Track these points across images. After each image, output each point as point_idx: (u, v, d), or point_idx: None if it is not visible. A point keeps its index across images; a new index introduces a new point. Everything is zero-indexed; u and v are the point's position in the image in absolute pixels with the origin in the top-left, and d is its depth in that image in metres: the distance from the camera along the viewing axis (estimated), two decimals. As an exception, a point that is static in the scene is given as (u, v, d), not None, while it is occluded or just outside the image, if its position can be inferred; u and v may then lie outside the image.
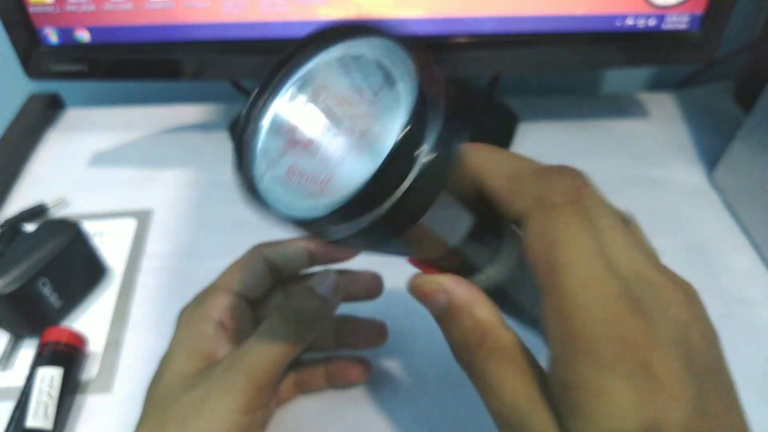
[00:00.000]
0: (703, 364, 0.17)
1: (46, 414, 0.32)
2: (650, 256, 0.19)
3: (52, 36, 0.42)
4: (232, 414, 0.25)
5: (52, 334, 0.35)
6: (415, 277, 0.21)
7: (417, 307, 0.22)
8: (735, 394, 0.18)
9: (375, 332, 0.34)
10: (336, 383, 0.34)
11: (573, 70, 0.62)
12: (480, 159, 0.21)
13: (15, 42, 0.42)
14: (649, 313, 0.17)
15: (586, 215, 0.18)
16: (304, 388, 0.34)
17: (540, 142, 0.54)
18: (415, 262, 0.22)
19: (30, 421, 0.31)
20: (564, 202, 0.18)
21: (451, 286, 0.20)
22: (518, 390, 0.19)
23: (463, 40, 0.43)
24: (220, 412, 0.25)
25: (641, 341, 0.16)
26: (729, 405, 0.17)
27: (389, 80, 0.17)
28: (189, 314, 0.29)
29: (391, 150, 0.15)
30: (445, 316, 0.20)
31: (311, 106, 0.18)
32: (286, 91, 0.19)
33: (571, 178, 0.19)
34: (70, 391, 0.34)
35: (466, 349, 0.20)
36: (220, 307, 0.29)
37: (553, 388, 0.18)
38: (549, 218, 0.18)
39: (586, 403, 0.16)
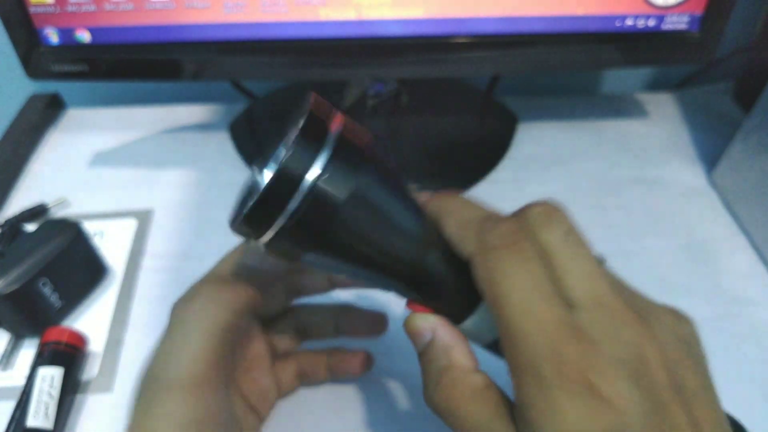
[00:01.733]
0: (661, 380, 0.18)
1: (46, 414, 0.32)
2: (612, 284, 0.20)
3: (53, 36, 0.42)
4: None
5: (52, 334, 0.35)
6: (411, 314, 0.23)
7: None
8: (714, 404, 0.19)
9: (375, 321, 0.34)
10: (337, 374, 0.34)
11: (573, 70, 0.62)
12: (438, 207, 0.23)
13: (15, 42, 0.42)
14: (593, 338, 0.18)
15: (525, 254, 0.20)
16: (305, 380, 0.34)
17: (540, 142, 0.54)
18: (412, 304, 0.24)
19: (30, 421, 0.31)
20: (501, 245, 0.20)
21: (437, 326, 0.22)
22: (492, 423, 0.20)
23: (463, 40, 0.43)
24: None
25: (582, 363, 0.18)
26: (695, 415, 0.18)
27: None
28: (181, 312, 0.30)
29: (280, 166, 0.19)
30: (426, 353, 0.22)
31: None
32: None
33: (511, 224, 0.20)
34: (70, 390, 0.34)
35: (438, 388, 0.21)
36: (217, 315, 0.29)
37: (515, 412, 0.19)
38: (488, 258, 0.20)
39: (537, 420, 0.18)
